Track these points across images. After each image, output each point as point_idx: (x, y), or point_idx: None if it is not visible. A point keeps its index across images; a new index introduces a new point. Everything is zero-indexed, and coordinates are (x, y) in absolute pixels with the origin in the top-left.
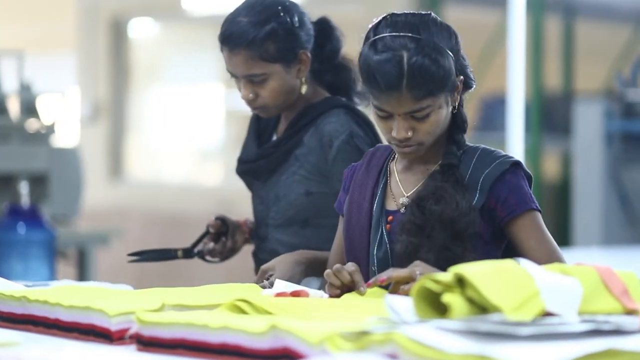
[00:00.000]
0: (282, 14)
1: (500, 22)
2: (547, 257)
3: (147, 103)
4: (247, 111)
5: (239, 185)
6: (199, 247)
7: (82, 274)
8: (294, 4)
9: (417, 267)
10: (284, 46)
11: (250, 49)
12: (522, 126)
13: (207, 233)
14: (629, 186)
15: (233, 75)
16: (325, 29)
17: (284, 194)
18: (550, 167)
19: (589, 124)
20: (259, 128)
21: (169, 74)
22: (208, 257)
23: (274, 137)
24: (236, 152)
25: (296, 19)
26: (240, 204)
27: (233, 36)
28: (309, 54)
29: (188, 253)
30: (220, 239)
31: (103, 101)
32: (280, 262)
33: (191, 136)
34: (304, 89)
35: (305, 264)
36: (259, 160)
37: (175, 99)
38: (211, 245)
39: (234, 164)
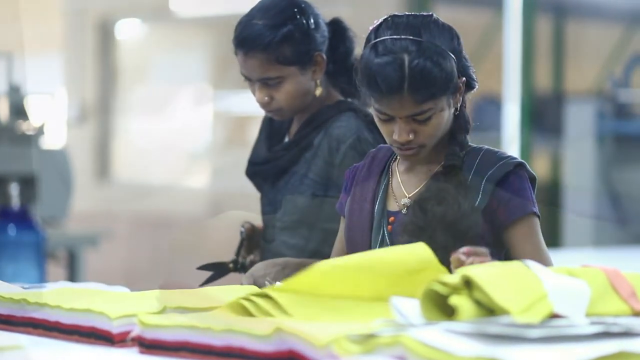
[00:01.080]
0: (298, 16)
1: (490, 23)
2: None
3: (135, 104)
4: (236, 112)
5: (227, 186)
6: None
7: (72, 276)
8: (309, 5)
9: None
10: (300, 49)
11: (266, 52)
12: (517, 127)
13: (244, 239)
14: (620, 187)
15: (247, 78)
16: (338, 30)
17: (291, 196)
18: (542, 167)
19: (581, 124)
20: (272, 130)
21: (156, 75)
22: None
23: (287, 139)
24: (224, 154)
25: (312, 20)
26: (228, 205)
27: (248, 39)
28: (324, 56)
29: (236, 265)
30: (254, 249)
31: (90, 102)
32: (257, 264)
33: (179, 137)
34: (318, 92)
35: (281, 265)
36: (269, 163)
37: (163, 100)
38: (251, 257)
39: (222, 165)
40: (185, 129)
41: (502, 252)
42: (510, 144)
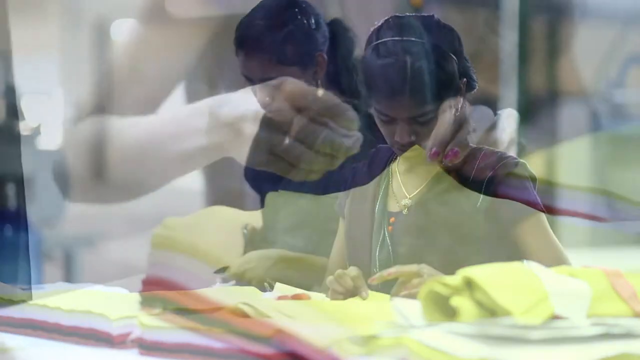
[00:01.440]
0: (299, 16)
1: (485, 23)
2: (554, 261)
3: (131, 104)
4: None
5: (224, 186)
6: None
7: (69, 276)
8: (310, 5)
9: (424, 267)
10: (301, 49)
11: (267, 53)
12: (515, 127)
13: (247, 242)
14: (615, 187)
15: (248, 79)
16: (338, 30)
17: (293, 197)
18: (536, 168)
19: (575, 125)
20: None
21: (152, 75)
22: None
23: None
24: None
25: (313, 20)
26: (223, 205)
27: (249, 40)
28: (325, 56)
29: None
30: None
31: (87, 103)
32: (249, 255)
33: (175, 137)
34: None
35: (274, 259)
36: None
37: (159, 100)
38: None
39: (218, 165)
40: (181, 129)
41: (505, 252)
42: (508, 145)
